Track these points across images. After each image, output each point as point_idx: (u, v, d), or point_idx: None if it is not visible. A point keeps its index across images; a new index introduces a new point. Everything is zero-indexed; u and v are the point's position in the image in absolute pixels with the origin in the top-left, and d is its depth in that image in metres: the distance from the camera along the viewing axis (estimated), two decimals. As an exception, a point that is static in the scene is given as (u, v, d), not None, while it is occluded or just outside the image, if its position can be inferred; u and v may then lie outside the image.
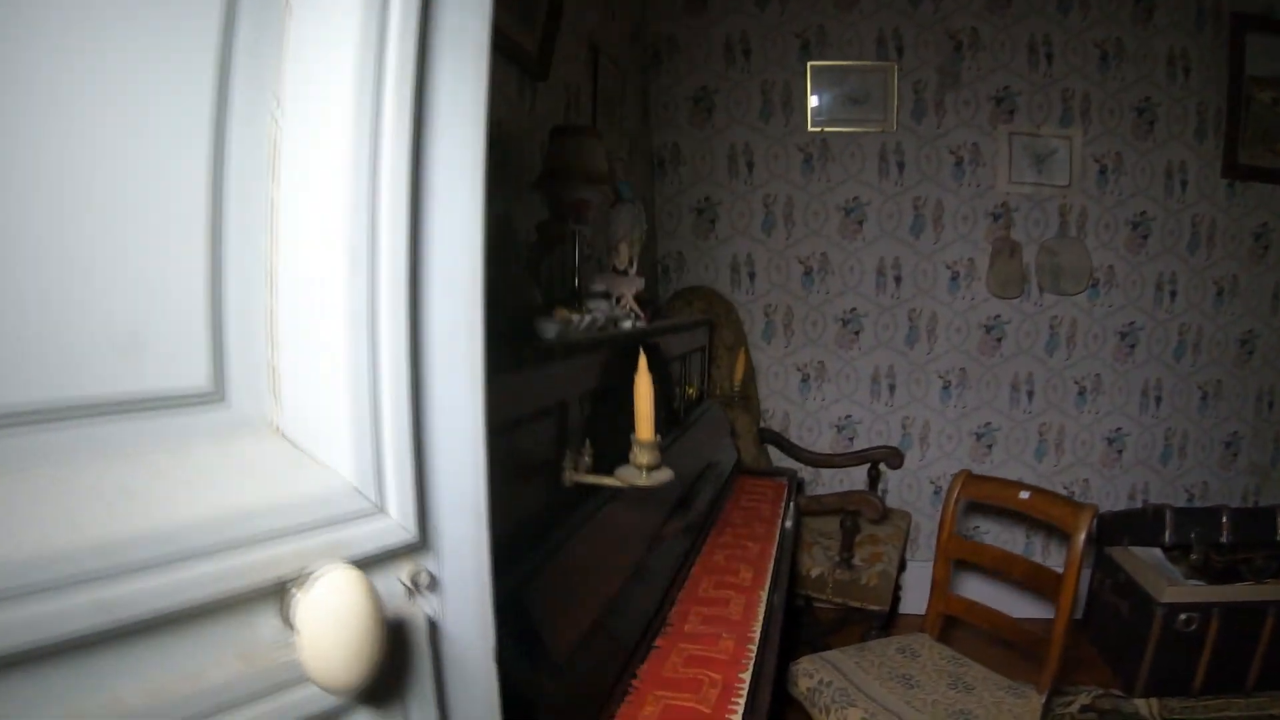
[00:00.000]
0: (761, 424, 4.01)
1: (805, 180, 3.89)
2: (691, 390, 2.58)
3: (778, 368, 4.04)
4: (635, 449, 1.21)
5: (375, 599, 0.56)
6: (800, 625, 3.29)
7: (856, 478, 3.69)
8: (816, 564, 2.88)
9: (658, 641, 1.48)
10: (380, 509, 0.71)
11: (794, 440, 3.89)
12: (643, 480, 1.23)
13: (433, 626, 0.81)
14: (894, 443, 3.84)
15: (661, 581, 1.63)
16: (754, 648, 1.48)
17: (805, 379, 4.01)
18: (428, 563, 0.85)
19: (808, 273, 3.95)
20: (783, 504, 2.57)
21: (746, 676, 1.36)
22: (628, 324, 1.88)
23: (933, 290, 3.85)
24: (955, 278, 3.83)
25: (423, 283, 0.67)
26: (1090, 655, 3.32)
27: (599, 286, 1.84)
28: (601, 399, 1.62)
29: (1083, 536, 2.01)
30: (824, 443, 3.98)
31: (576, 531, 1.32)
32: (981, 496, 2.35)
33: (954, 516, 2.32)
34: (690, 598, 1.71)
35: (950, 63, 3.73)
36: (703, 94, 3.92)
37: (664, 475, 1.24)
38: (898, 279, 3.87)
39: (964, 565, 3.72)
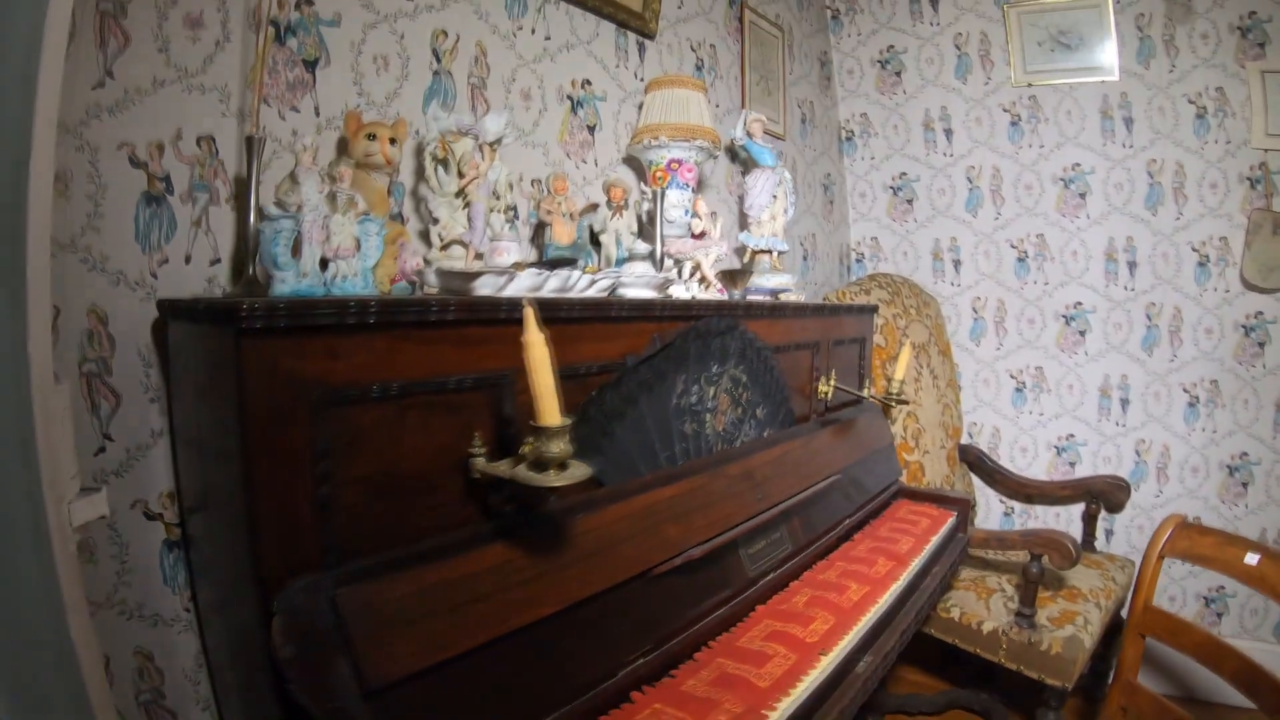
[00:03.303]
0: (964, 440, 3.33)
1: (1014, 147, 3.18)
2: (826, 390, 2.12)
3: (987, 373, 3.34)
4: (537, 440, 0.88)
5: None
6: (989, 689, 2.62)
7: (1076, 514, 2.90)
8: (992, 617, 2.24)
9: (634, 694, 1.12)
10: None
11: (1003, 462, 3.16)
12: (553, 480, 0.89)
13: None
14: (1125, 472, 2.99)
15: (668, 620, 1.25)
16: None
17: (1020, 388, 3.26)
18: None
19: (1022, 259, 3.21)
20: (937, 537, 2.01)
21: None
22: (683, 293, 1.52)
23: (1175, 279, 2.97)
24: (1204, 263, 2.91)
25: None
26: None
27: (642, 249, 1.49)
28: (613, 385, 1.29)
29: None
30: (1039, 467, 3.21)
31: (501, 537, 1.02)
32: (1193, 556, 1.62)
33: (1155, 579, 1.63)
34: (725, 648, 1.31)
35: (1180, -13, 2.85)
36: (890, 54, 3.38)
37: (578, 473, 0.90)
38: (1131, 265, 3.03)
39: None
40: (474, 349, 1.02)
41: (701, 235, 1.69)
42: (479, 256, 1.35)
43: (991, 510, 3.32)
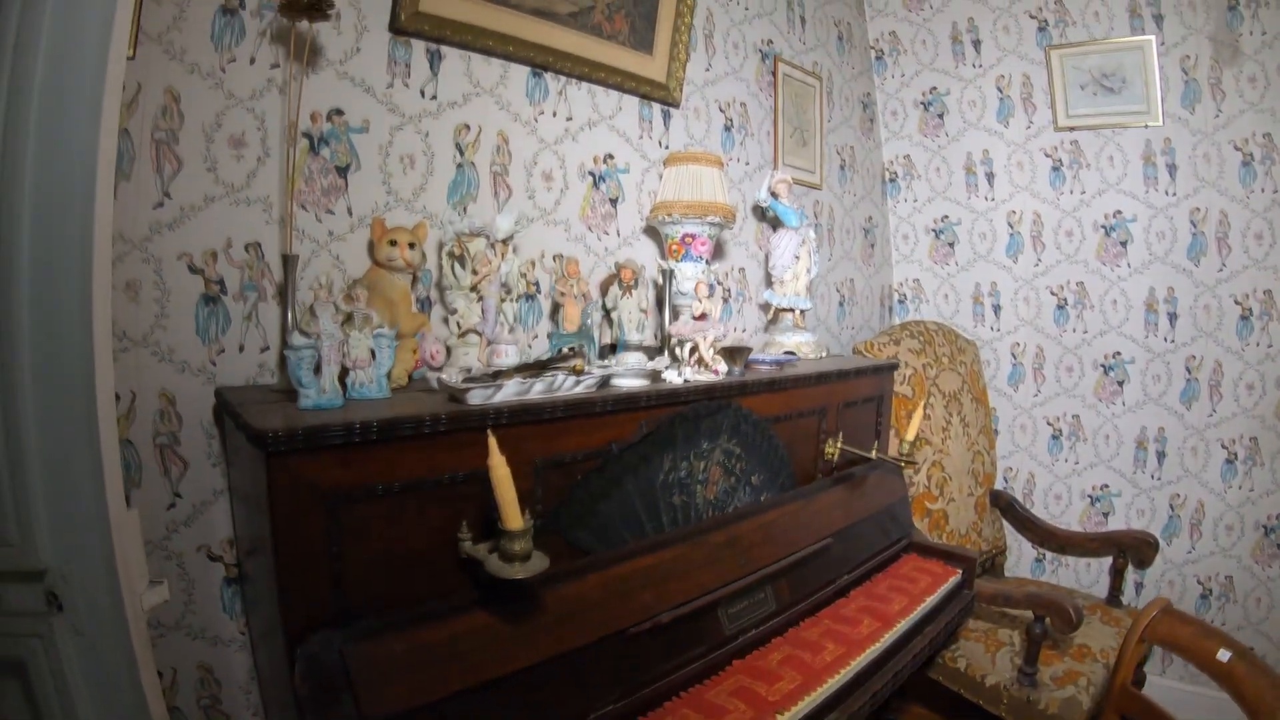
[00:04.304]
0: (999, 485, 3.35)
1: (1055, 193, 3.18)
2: (833, 452, 2.22)
3: (1024, 419, 3.35)
4: (503, 539, 1.06)
5: None
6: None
7: (1107, 565, 2.90)
8: (996, 671, 2.30)
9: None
10: None
11: (1037, 509, 3.19)
12: (516, 572, 1.07)
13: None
14: (1158, 526, 2.96)
15: (639, 673, 1.40)
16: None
17: (1056, 435, 3.26)
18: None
19: (1061, 306, 3.21)
20: (933, 597, 2.09)
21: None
22: (675, 378, 1.67)
23: (1217, 332, 2.91)
24: (1246, 317, 2.85)
25: None
26: None
27: (636, 338, 1.65)
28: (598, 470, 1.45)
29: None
30: (1072, 515, 3.21)
31: (482, 604, 1.20)
32: (1171, 643, 1.66)
33: (1134, 660, 1.68)
34: (693, 700, 1.45)
35: (1226, 27, 2.77)
36: (933, 96, 3.42)
37: (536, 566, 1.07)
38: (1172, 317, 2.99)
39: None
40: (464, 450, 1.20)
41: (702, 317, 1.82)
42: (490, 344, 1.54)
43: (1024, 555, 3.33)
